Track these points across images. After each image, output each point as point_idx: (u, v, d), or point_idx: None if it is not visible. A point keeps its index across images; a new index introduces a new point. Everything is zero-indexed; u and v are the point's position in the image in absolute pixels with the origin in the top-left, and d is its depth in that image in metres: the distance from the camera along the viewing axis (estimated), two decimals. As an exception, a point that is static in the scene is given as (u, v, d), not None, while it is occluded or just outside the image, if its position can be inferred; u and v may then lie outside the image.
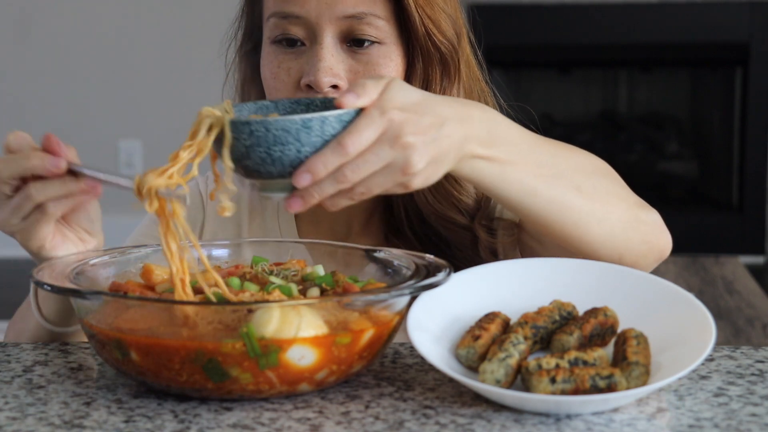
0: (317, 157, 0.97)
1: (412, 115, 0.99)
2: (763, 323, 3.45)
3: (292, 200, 1.00)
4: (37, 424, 0.92)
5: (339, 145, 0.97)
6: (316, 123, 0.97)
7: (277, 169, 0.99)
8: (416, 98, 1.01)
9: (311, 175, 0.98)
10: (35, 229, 1.08)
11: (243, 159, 0.99)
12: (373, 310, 0.99)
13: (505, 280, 1.09)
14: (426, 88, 1.28)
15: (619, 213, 1.14)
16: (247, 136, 0.98)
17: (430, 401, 0.97)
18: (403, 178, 1.00)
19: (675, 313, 1.03)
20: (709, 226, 4.54)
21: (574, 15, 4.47)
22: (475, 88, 1.33)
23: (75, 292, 0.99)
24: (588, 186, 1.12)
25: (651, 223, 1.17)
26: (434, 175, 1.02)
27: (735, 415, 0.94)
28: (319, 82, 1.23)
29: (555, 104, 4.85)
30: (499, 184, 1.08)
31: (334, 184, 0.98)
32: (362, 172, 0.98)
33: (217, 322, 0.95)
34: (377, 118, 0.98)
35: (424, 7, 1.25)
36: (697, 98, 4.87)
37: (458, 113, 1.03)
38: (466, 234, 1.29)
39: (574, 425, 0.92)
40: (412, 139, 0.98)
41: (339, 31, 1.24)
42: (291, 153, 0.98)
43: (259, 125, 0.97)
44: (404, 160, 0.99)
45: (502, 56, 4.41)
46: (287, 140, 0.97)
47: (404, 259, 1.09)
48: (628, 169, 4.69)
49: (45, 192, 1.06)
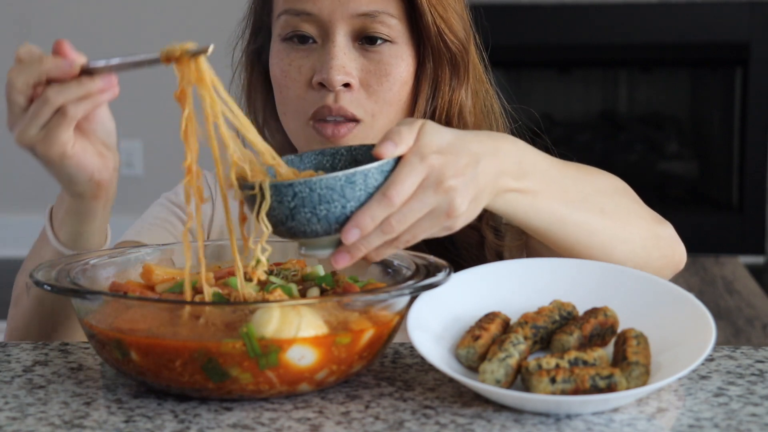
0: (364, 212, 0.96)
1: (450, 157, 0.99)
2: (763, 323, 3.45)
3: (339, 256, 0.99)
4: (37, 424, 0.92)
5: (384, 197, 0.96)
6: (360, 177, 0.96)
7: (323, 228, 0.98)
8: (450, 138, 1.00)
9: (360, 230, 0.97)
10: (56, 135, 1.05)
11: (287, 221, 0.98)
12: (373, 310, 0.99)
13: (505, 280, 1.09)
14: (435, 89, 1.28)
15: (639, 231, 1.15)
16: (291, 198, 0.96)
17: (430, 401, 0.97)
18: (447, 222, 0.99)
19: (675, 313, 1.03)
20: (709, 226, 4.54)
21: (574, 15, 4.47)
22: (481, 89, 1.34)
23: (75, 292, 0.99)
24: (611, 207, 1.14)
25: (667, 238, 1.18)
26: (474, 214, 1.02)
27: (735, 415, 0.94)
28: (332, 80, 1.23)
29: (555, 104, 4.85)
30: (530, 215, 1.08)
31: (381, 236, 0.98)
32: (408, 221, 0.98)
33: (217, 322, 0.95)
34: (418, 165, 0.97)
35: (436, 7, 1.25)
36: (697, 98, 4.87)
37: (489, 148, 1.03)
38: (474, 234, 1.29)
39: (574, 425, 0.92)
40: (453, 182, 0.98)
41: (351, 29, 1.24)
42: (336, 210, 0.97)
43: (303, 186, 0.96)
44: (448, 204, 0.98)
45: (502, 56, 4.39)
46: (332, 198, 0.96)
47: (404, 259, 1.09)
48: (628, 169, 4.69)
49: (64, 94, 1.03)
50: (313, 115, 1.25)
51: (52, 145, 1.05)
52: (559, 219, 1.10)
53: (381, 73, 1.25)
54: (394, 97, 1.26)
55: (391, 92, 1.26)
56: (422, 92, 1.27)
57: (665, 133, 4.82)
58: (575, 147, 4.64)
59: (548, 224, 1.10)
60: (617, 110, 4.87)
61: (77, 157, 1.07)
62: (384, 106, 1.26)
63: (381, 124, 1.26)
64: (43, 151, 1.06)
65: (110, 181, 1.12)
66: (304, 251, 1.01)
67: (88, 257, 1.09)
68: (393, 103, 1.26)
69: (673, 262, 1.19)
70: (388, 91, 1.25)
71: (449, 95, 1.28)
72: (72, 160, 1.07)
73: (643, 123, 4.83)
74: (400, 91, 1.26)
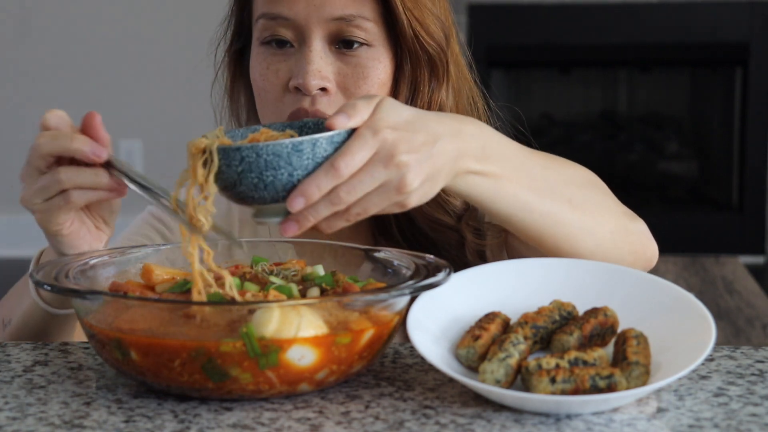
0: (310, 180, 0.97)
1: (404, 134, 0.99)
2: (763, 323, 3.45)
3: (287, 224, 0.99)
4: (37, 424, 0.92)
5: (332, 167, 0.97)
6: (308, 146, 0.97)
7: (270, 194, 0.98)
8: (408, 116, 1.01)
9: (305, 199, 0.97)
10: (55, 214, 1.08)
11: (235, 186, 0.99)
12: (373, 310, 0.99)
13: (505, 280, 1.09)
14: (414, 90, 1.28)
15: (608, 225, 1.15)
16: (238, 163, 0.97)
17: (430, 401, 0.97)
18: (398, 197, 1.00)
19: (675, 313, 1.03)
20: (709, 226, 4.54)
21: (574, 15, 4.46)
22: (464, 88, 1.33)
23: (75, 292, 0.99)
24: (579, 198, 1.13)
25: (638, 233, 1.17)
26: (430, 193, 1.02)
27: (735, 415, 0.94)
28: (308, 84, 1.22)
29: (555, 104, 4.85)
30: (493, 199, 1.08)
31: (329, 206, 0.98)
32: (357, 193, 0.98)
33: (217, 321, 0.95)
34: (370, 138, 0.98)
35: (411, 10, 1.24)
36: (697, 98, 4.87)
37: (451, 129, 1.03)
38: (453, 235, 1.29)
39: (574, 425, 0.92)
40: (405, 158, 0.98)
41: (328, 33, 1.24)
42: (283, 177, 0.97)
43: (250, 151, 0.97)
44: (399, 179, 0.98)
45: (502, 56, 4.41)
46: (279, 164, 0.97)
47: (404, 259, 1.09)
48: (628, 169, 4.69)
49: (75, 180, 1.05)
50: (289, 117, 1.25)
51: (50, 220, 1.09)
52: (524, 206, 1.09)
53: (358, 76, 1.25)
54: None
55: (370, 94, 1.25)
56: (401, 94, 1.27)
57: (665, 133, 4.82)
58: (575, 147, 4.64)
59: (512, 210, 1.09)
60: (617, 110, 4.87)
61: (71, 237, 1.10)
62: None
63: None
64: (40, 221, 1.09)
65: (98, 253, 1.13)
66: (256, 218, 1.02)
67: (88, 257, 1.09)
68: None
69: (644, 258, 1.18)
70: (366, 94, 1.25)
71: (428, 96, 1.28)
72: (65, 238, 1.10)
73: (643, 123, 4.83)
74: (378, 92, 1.26)
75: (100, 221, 1.12)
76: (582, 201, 1.13)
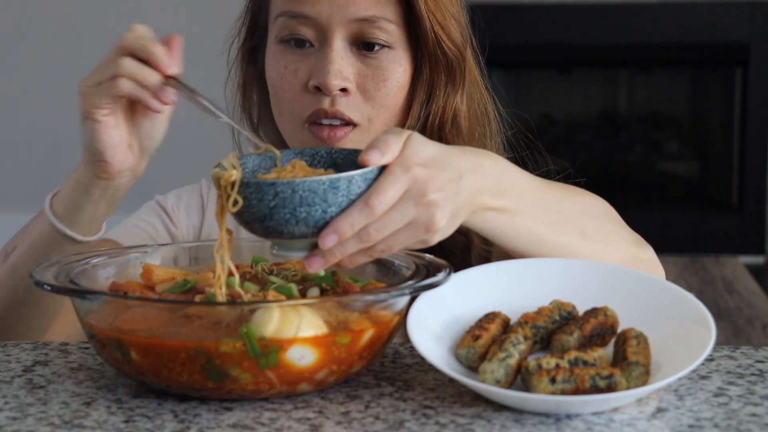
0: (344, 218, 0.96)
1: (433, 171, 0.98)
2: (763, 323, 3.45)
3: (314, 260, 0.98)
4: (37, 424, 0.92)
5: (366, 206, 0.96)
6: (344, 183, 0.95)
7: (300, 230, 0.97)
8: (435, 152, 1.00)
9: (338, 236, 0.96)
10: (98, 96, 1.08)
11: (264, 220, 0.97)
12: (373, 310, 0.99)
13: (505, 280, 1.09)
14: (430, 94, 1.28)
15: (619, 254, 1.15)
16: (272, 197, 0.95)
17: (430, 401, 0.97)
18: (425, 235, 0.99)
19: (675, 313, 1.03)
20: (709, 226, 4.54)
21: (574, 15, 4.46)
22: (476, 93, 1.33)
23: (75, 292, 0.99)
24: (591, 229, 1.13)
25: (647, 261, 1.18)
26: (451, 230, 1.02)
27: (735, 415, 0.94)
28: (329, 84, 1.22)
29: (555, 104, 4.85)
30: (507, 234, 1.08)
31: (358, 243, 0.97)
32: (386, 231, 0.97)
33: (217, 321, 0.95)
34: (401, 176, 0.97)
35: (434, 13, 1.24)
36: (697, 98, 4.87)
37: (471, 165, 1.02)
38: (460, 238, 1.29)
39: (574, 425, 0.92)
40: (435, 197, 0.98)
41: (349, 33, 1.24)
42: (317, 214, 0.96)
43: (286, 186, 0.95)
44: (428, 217, 0.98)
45: (502, 56, 4.41)
46: (314, 201, 0.95)
47: (404, 259, 1.09)
48: (628, 169, 4.69)
49: (130, 69, 1.07)
50: (308, 117, 1.25)
51: (89, 102, 1.09)
52: (537, 239, 1.09)
53: (378, 78, 1.25)
54: (391, 101, 1.26)
55: (389, 97, 1.26)
56: (417, 97, 1.27)
57: (665, 133, 4.82)
58: (575, 147, 4.64)
59: (526, 244, 1.09)
60: (617, 110, 4.87)
61: (102, 126, 1.09)
62: (380, 111, 1.26)
63: (377, 128, 1.26)
64: (80, 103, 1.09)
65: (119, 173, 1.13)
66: (276, 251, 1.00)
67: (88, 257, 1.09)
68: (389, 108, 1.26)
69: None
70: (386, 96, 1.25)
71: (444, 100, 1.28)
72: (96, 125, 1.09)
73: (643, 123, 4.83)
74: (397, 95, 1.26)
75: (135, 142, 1.12)
76: (594, 232, 1.14)
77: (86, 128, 1.10)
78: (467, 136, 1.31)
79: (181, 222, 1.39)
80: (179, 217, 1.39)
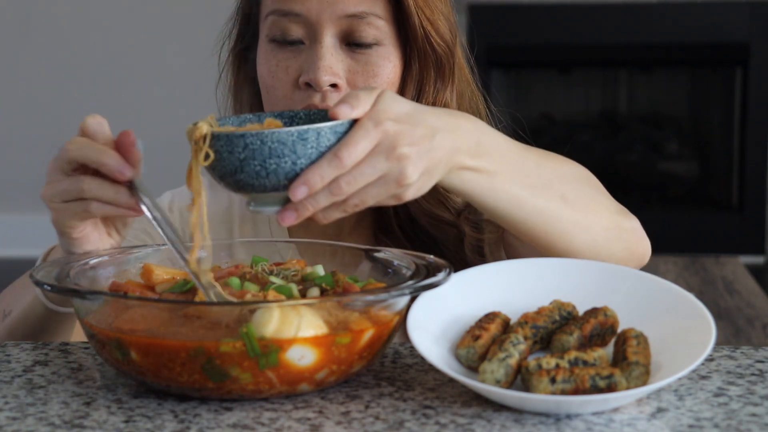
0: (314, 169, 0.97)
1: (405, 126, 0.99)
2: (763, 323, 3.45)
3: (286, 213, 0.99)
4: (37, 424, 0.92)
5: (336, 157, 0.97)
6: (312, 134, 0.97)
7: (271, 183, 0.98)
8: (408, 109, 1.01)
9: (308, 188, 0.97)
10: (71, 217, 1.08)
11: (236, 173, 0.98)
12: (373, 310, 0.99)
13: (505, 280, 1.09)
14: (420, 90, 1.28)
15: (602, 221, 1.15)
16: (241, 149, 0.97)
17: (430, 401, 0.97)
18: (397, 190, 1.00)
19: (675, 313, 1.03)
20: (709, 226, 4.54)
21: (574, 15, 4.47)
22: (467, 91, 1.34)
23: (75, 292, 0.99)
24: (573, 195, 1.13)
25: (631, 230, 1.17)
26: (425, 186, 1.02)
27: (735, 415, 0.94)
28: (319, 80, 1.23)
29: (555, 104, 4.85)
30: (487, 195, 1.08)
31: (329, 196, 0.98)
32: (357, 184, 0.98)
33: (217, 321, 0.95)
34: (372, 130, 0.98)
35: (423, 9, 1.25)
36: (697, 98, 4.87)
37: (448, 124, 1.03)
38: (452, 230, 1.30)
39: (574, 425, 0.92)
40: (406, 150, 0.98)
41: (339, 30, 1.24)
42: (286, 165, 0.97)
43: (255, 138, 0.96)
44: (399, 171, 0.99)
45: (502, 56, 4.41)
46: (283, 152, 0.96)
47: (404, 259, 1.09)
48: (628, 169, 4.69)
49: (97, 192, 1.05)
50: None
51: (63, 222, 1.08)
52: (517, 202, 1.09)
53: (368, 74, 1.25)
54: None
55: None
56: (407, 93, 1.28)
57: (665, 133, 4.82)
58: (575, 147, 4.64)
59: (505, 206, 1.09)
60: (617, 110, 4.87)
61: (81, 240, 1.10)
62: None
63: None
64: (54, 219, 1.09)
65: None
66: (252, 207, 1.01)
67: (88, 257, 1.09)
68: None
69: (636, 255, 1.18)
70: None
71: (434, 96, 1.29)
72: (75, 241, 1.10)
73: (643, 123, 4.83)
74: None
75: (113, 229, 1.13)
76: (576, 198, 1.13)
77: (65, 241, 1.10)
78: None
79: (176, 223, 1.39)
80: (174, 218, 1.39)
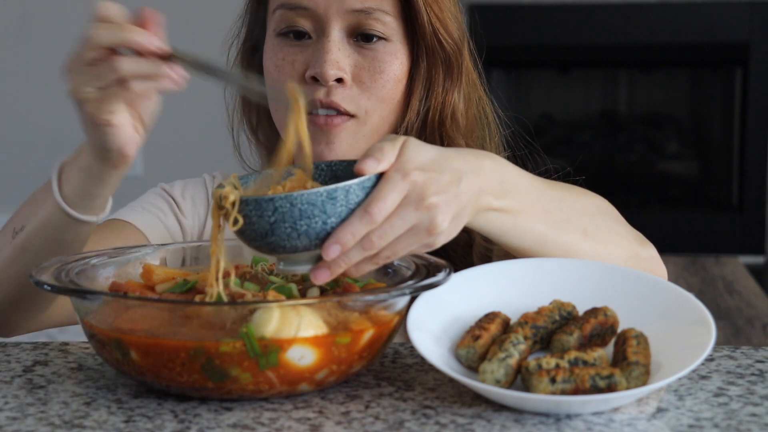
0: (345, 228, 0.96)
1: (432, 175, 0.98)
2: (763, 323, 3.45)
3: (319, 272, 0.98)
4: (37, 424, 0.92)
5: (366, 213, 0.96)
6: (341, 193, 0.96)
7: (303, 243, 0.97)
8: (433, 155, 1.00)
9: (341, 246, 0.96)
10: (109, 102, 1.04)
11: (266, 236, 0.97)
12: (373, 310, 0.99)
13: (505, 280, 1.09)
14: (429, 89, 1.28)
15: (621, 252, 1.15)
16: (271, 213, 0.96)
17: (430, 401, 0.97)
18: (428, 239, 0.99)
19: (675, 313, 1.03)
20: (709, 226, 4.54)
21: (574, 15, 4.46)
22: (474, 95, 1.33)
23: (75, 292, 0.99)
24: (593, 228, 1.14)
25: (649, 259, 1.18)
26: (455, 231, 1.02)
27: (735, 415, 0.94)
28: (326, 74, 1.23)
29: (555, 104, 4.85)
30: (510, 234, 1.08)
31: (361, 252, 0.97)
32: (389, 237, 0.97)
33: (217, 322, 0.95)
34: (400, 182, 0.97)
35: (432, 6, 1.25)
36: (697, 98, 4.87)
37: (472, 166, 1.02)
38: (462, 236, 1.29)
39: (574, 425, 0.92)
40: (435, 200, 0.98)
41: (347, 25, 1.24)
42: (317, 225, 0.96)
43: (284, 201, 0.95)
44: (429, 221, 0.98)
45: (502, 56, 4.41)
46: (313, 213, 0.96)
47: (404, 259, 1.09)
48: (628, 169, 4.69)
49: (136, 68, 1.02)
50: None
51: (101, 110, 1.04)
52: (541, 239, 1.10)
53: (374, 70, 1.25)
54: (387, 94, 1.26)
55: (385, 89, 1.26)
56: (415, 92, 1.28)
57: (665, 133, 4.82)
58: (575, 147, 4.64)
59: (530, 244, 1.10)
60: (617, 110, 4.87)
61: (118, 128, 1.06)
62: (377, 104, 1.26)
63: (374, 121, 1.26)
64: (90, 111, 1.05)
65: (134, 158, 1.11)
66: (282, 266, 1.01)
67: (88, 257, 1.09)
68: (386, 101, 1.26)
69: None
70: (382, 89, 1.25)
71: (442, 96, 1.29)
72: (112, 129, 1.06)
73: (643, 123, 4.83)
74: (394, 88, 1.26)
75: (138, 121, 1.08)
76: (596, 230, 1.14)
77: (99, 131, 1.06)
78: (467, 134, 1.32)
79: (188, 211, 1.39)
80: (186, 206, 1.39)
